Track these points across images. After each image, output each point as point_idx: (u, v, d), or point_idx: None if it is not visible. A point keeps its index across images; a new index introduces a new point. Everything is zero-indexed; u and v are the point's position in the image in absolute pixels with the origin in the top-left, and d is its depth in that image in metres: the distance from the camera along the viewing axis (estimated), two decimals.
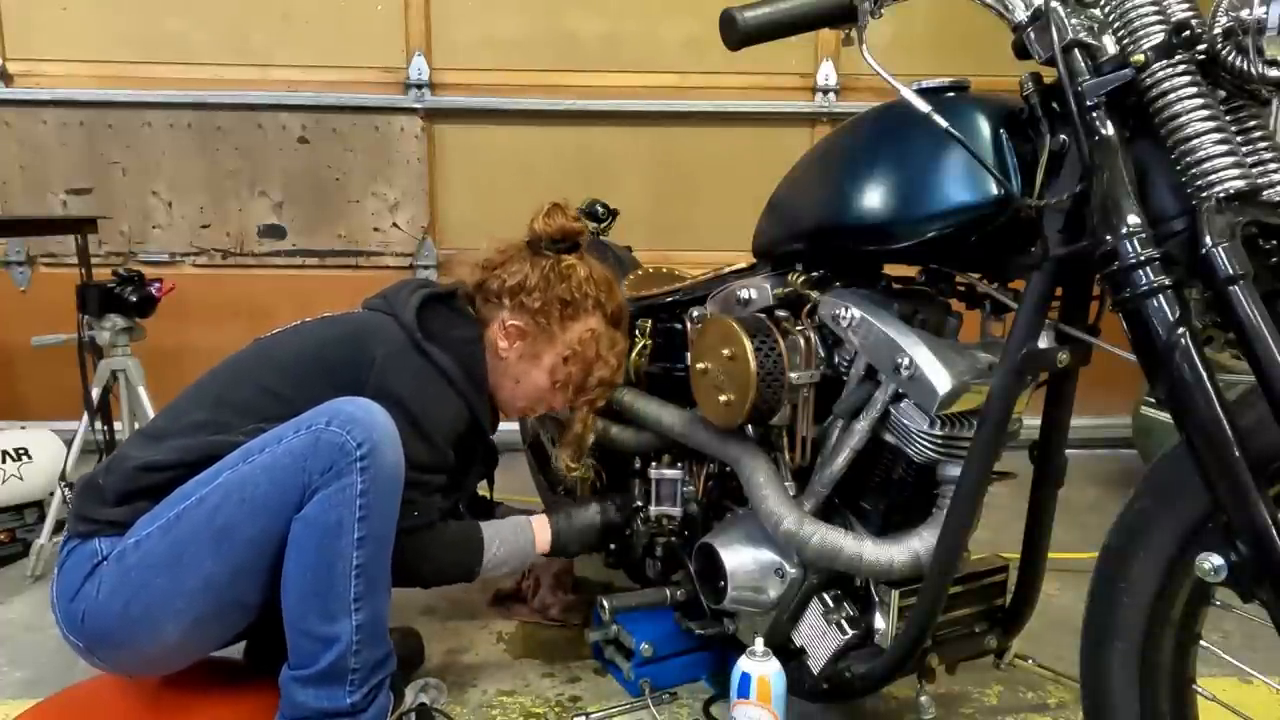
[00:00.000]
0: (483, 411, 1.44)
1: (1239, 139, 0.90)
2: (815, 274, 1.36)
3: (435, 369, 1.36)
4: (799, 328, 1.33)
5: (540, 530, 1.52)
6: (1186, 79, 0.90)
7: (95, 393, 2.12)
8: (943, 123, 1.02)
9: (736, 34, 1.05)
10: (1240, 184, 0.87)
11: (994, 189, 1.09)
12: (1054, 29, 0.96)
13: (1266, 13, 0.85)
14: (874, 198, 1.19)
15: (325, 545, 1.18)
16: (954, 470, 1.18)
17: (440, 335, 1.39)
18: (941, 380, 1.16)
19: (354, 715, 1.23)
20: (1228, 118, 0.90)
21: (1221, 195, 0.87)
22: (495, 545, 1.45)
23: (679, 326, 1.62)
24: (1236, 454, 0.83)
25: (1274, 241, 0.89)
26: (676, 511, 1.61)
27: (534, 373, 1.48)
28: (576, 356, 1.47)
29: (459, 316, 1.45)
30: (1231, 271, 0.84)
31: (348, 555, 1.19)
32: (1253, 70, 0.87)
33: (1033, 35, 0.99)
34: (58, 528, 2.05)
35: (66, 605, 1.22)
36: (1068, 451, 1.26)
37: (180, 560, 1.18)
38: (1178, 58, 0.90)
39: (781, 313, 1.39)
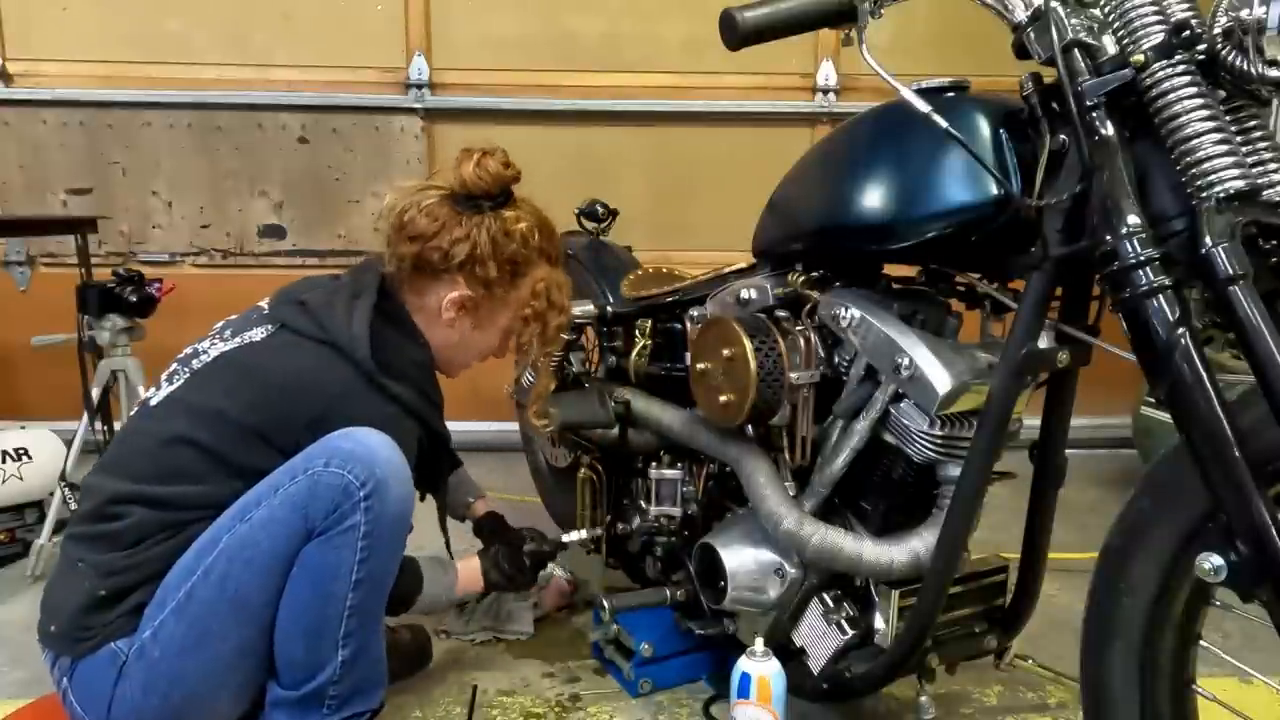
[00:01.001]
0: (439, 422, 1.38)
1: (1239, 139, 0.90)
2: (815, 274, 1.36)
3: (397, 406, 1.26)
4: (799, 328, 1.33)
5: (474, 577, 1.53)
6: (1186, 79, 0.89)
7: (95, 393, 2.12)
8: (943, 123, 1.02)
9: (736, 34, 1.04)
10: (1240, 184, 0.87)
11: (994, 189, 1.09)
12: (1054, 29, 0.96)
13: (1266, 13, 0.85)
14: (874, 198, 1.19)
15: (320, 588, 1.16)
16: (954, 470, 1.18)
17: (394, 364, 1.27)
18: (941, 380, 1.16)
19: None
20: (1228, 118, 0.90)
21: (1221, 195, 0.87)
22: (430, 580, 1.42)
23: (679, 326, 1.62)
24: (1236, 454, 0.83)
25: (1274, 241, 0.89)
26: (676, 511, 1.62)
27: (488, 337, 1.41)
28: (535, 313, 1.38)
29: (406, 333, 1.34)
30: (1231, 271, 0.84)
31: (342, 597, 1.16)
32: (1253, 70, 0.87)
33: (1033, 35, 0.98)
34: (58, 528, 2.05)
35: (104, 713, 1.17)
36: (1068, 451, 1.26)
37: (206, 638, 1.15)
38: (1178, 58, 0.90)
39: (781, 313, 1.39)
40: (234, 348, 1.26)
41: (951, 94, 1.15)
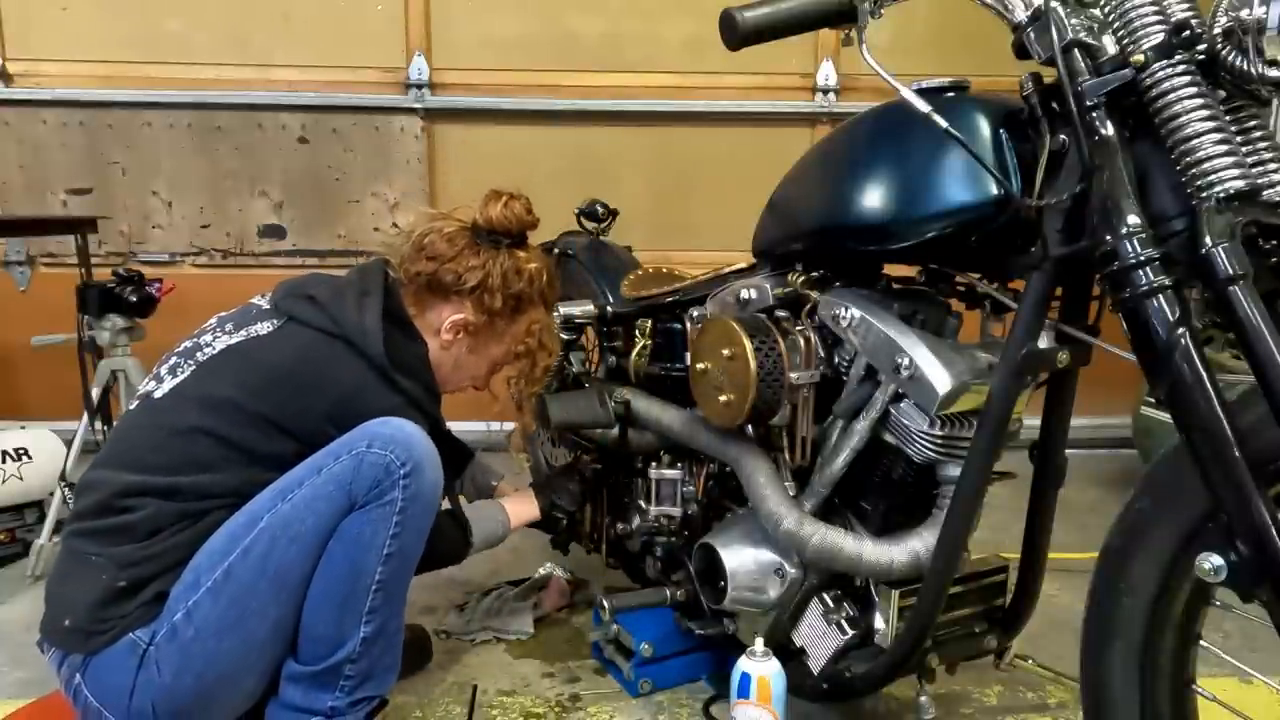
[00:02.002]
0: (440, 414, 1.40)
1: (1239, 139, 0.90)
2: (815, 274, 1.36)
3: (405, 398, 1.30)
4: (799, 328, 1.33)
5: (526, 507, 1.64)
6: (1186, 79, 0.89)
7: (95, 393, 2.12)
8: (943, 123, 1.02)
9: (736, 34, 1.04)
10: (1240, 184, 0.87)
11: (994, 189, 1.09)
12: (1054, 29, 0.96)
13: (1266, 13, 0.85)
14: (874, 198, 1.19)
15: (353, 558, 1.19)
16: (954, 470, 1.18)
17: (402, 359, 1.31)
18: (941, 380, 1.16)
19: (330, 718, 1.23)
20: (1228, 118, 0.90)
21: (1221, 195, 0.87)
22: (478, 529, 1.51)
23: (679, 326, 1.62)
24: (1236, 454, 0.83)
25: (1274, 241, 0.89)
26: (676, 511, 1.61)
27: (479, 364, 1.47)
28: (526, 350, 1.46)
29: (409, 332, 1.37)
30: (1231, 271, 0.84)
31: (371, 571, 1.19)
32: (1253, 70, 0.87)
33: (1033, 35, 0.98)
34: (57, 528, 2.05)
35: (125, 704, 1.17)
36: (1068, 451, 1.26)
37: (245, 616, 1.17)
38: (1178, 58, 0.90)
39: (781, 313, 1.39)
40: (241, 340, 1.28)
41: (951, 94, 1.15)
